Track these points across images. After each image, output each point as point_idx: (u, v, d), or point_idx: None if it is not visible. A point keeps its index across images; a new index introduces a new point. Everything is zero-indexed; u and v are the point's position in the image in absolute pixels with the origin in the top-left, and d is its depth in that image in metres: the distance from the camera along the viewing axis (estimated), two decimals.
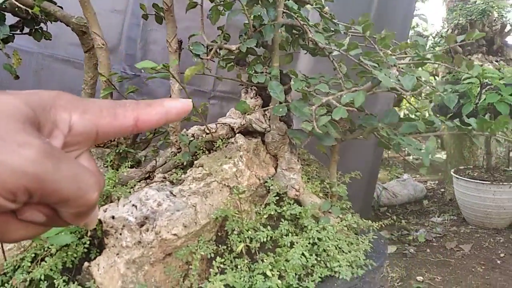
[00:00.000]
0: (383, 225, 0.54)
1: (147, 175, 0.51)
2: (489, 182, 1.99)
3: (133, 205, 0.41)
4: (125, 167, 0.53)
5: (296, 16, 0.46)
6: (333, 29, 0.52)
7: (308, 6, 0.52)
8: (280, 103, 0.45)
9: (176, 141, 0.52)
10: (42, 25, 0.59)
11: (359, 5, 1.04)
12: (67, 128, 0.17)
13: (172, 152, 0.52)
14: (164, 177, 0.49)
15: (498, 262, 2.00)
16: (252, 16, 0.48)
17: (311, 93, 0.42)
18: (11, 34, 0.53)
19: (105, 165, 0.52)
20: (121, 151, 0.53)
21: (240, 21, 0.53)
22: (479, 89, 1.60)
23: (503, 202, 2.00)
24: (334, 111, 0.39)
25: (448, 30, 3.40)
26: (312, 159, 0.58)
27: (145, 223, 0.40)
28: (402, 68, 0.45)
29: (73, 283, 0.41)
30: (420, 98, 0.46)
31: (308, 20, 0.48)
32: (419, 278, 1.84)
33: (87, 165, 0.18)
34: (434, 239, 2.30)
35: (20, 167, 0.13)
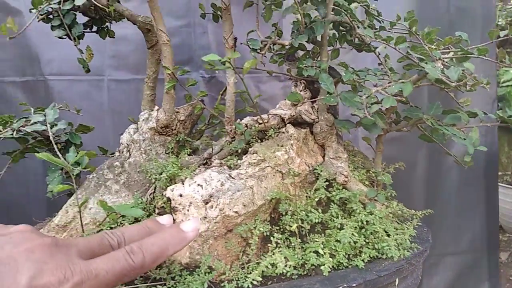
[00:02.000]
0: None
1: (205, 161, 0.56)
2: None
3: (198, 184, 0.46)
4: (184, 153, 0.58)
5: (346, 13, 0.49)
6: (377, 27, 0.55)
7: (354, 4, 0.55)
8: (330, 94, 0.48)
9: (231, 131, 0.56)
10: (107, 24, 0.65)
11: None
12: None
13: (226, 140, 0.57)
14: (221, 163, 0.53)
15: None
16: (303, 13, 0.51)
17: (361, 84, 0.46)
18: (82, 33, 0.59)
19: (166, 152, 0.57)
20: (180, 139, 0.58)
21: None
22: None
23: None
24: (384, 100, 0.42)
25: None
26: (356, 150, 0.61)
27: (209, 200, 0.45)
28: (446, 62, 0.48)
29: None
30: (464, 90, 0.48)
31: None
32: None
33: None
34: None
35: None
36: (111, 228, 0.49)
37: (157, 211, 0.50)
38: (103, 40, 0.65)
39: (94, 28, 0.64)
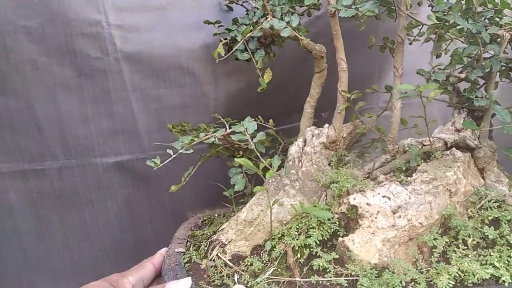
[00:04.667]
0: None
1: (367, 175, 0.63)
2: None
3: (384, 196, 0.53)
4: (342, 167, 0.65)
5: None
6: None
7: None
8: (505, 124, 0.54)
9: (392, 149, 0.62)
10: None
11: None
12: None
13: (386, 158, 0.63)
14: (386, 178, 0.60)
15: None
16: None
17: None
18: (263, 56, 0.68)
19: (329, 164, 0.65)
20: (341, 154, 0.66)
21: None
22: None
23: None
24: None
25: None
26: (509, 175, 0.65)
27: (397, 211, 0.51)
28: None
29: (331, 252, 0.53)
30: None
31: None
32: None
33: None
34: None
35: None
36: (298, 227, 0.57)
37: (336, 216, 0.57)
38: None
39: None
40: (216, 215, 0.75)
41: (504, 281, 0.48)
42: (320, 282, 0.50)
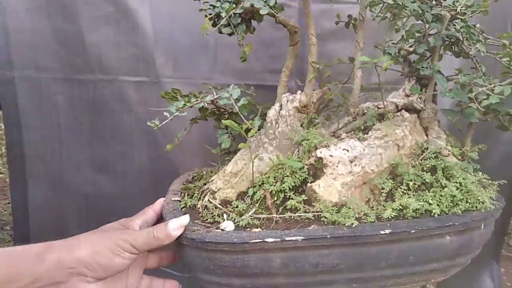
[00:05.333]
0: None
1: (332, 134, 0.75)
2: None
3: (344, 149, 0.65)
4: (312, 127, 0.77)
5: (459, 30, 0.66)
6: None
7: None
8: (443, 89, 0.66)
9: (353, 112, 0.74)
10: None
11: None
12: None
13: (349, 119, 0.75)
14: (347, 136, 0.72)
15: None
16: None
17: (471, 84, 0.63)
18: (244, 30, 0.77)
19: (301, 125, 0.76)
20: (311, 117, 0.77)
21: None
22: None
23: None
24: (490, 97, 0.60)
25: None
26: (449, 133, 0.78)
27: (354, 160, 0.64)
28: None
29: (302, 195, 0.66)
30: None
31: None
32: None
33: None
34: None
35: None
36: (275, 177, 0.68)
37: (306, 166, 0.69)
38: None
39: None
40: (204, 172, 0.87)
41: (434, 213, 0.61)
42: (292, 217, 0.63)
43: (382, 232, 0.58)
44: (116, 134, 1.19)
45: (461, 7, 0.62)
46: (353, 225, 0.58)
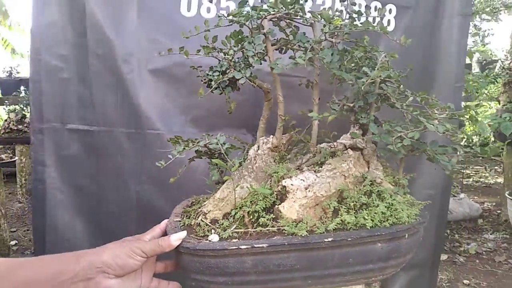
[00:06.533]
0: None
1: (297, 167, 0.97)
2: None
3: (301, 179, 0.87)
4: (282, 163, 0.99)
5: (388, 90, 0.90)
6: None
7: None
8: (374, 134, 0.89)
9: (313, 151, 0.97)
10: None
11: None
12: None
13: (309, 156, 0.98)
14: (308, 169, 0.95)
15: None
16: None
17: (392, 130, 0.86)
18: (230, 91, 1.02)
19: (274, 161, 0.99)
20: (282, 155, 1.00)
21: None
22: None
23: None
24: (404, 140, 0.82)
25: (511, 63, 3.58)
26: (388, 165, 1.00)
27: (308, 187, 0.86)
28: (441, 119, 0.87)
29: (271, 214, 0.87)
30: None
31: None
32: (466, 281, 2.14)
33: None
34: (484, 253, 2.56)
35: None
36: (251, 201, 0.91)
37: (275, 192, 0.91)
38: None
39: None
40: (201, 198, 1.09)
41: (367, 226, 0.82)
42: (262, 230, 0.84)
43: (326, 240, 0.79)
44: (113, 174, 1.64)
45: (379, 76, 0.86)
46: (304, 235, 0.80)
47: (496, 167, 5.31)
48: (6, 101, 4.10)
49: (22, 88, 4.08)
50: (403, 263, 0.89)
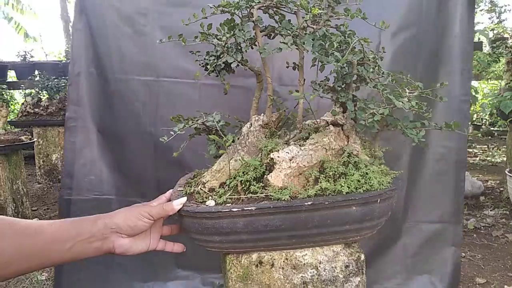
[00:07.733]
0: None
1: (285, 142, 1.09)
2: None
3: (286, 152, 0.99)
4: (271, 138, 1.11)
5: (367, 72, 1.00)
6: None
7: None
8: (352, 111, 1.00)
9: (299, 127, 1.09)
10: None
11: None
12: None
13: (296, 132, 1.10)
14: (294, 143, 1.06)
15: None
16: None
17: (366, 107, 0.97)
18: (225, 74, 1.13)
19: (265, 137, 1.11)
20: (272, 131, 1.12)
21: None
22: None
23: None
24: (375, 116, 0.93)
25: None
26: (366, 139, 1.11)
27: (292, 159, 0.98)
28: (411, 97, 0.97)
29: (260, 183, 1.00)
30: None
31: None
32: (462, 254, 2.25)
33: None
34: (482, 228, 2.68)
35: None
36: (244, 171, 1.03)
37: (264, 164, 1.03)
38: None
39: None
40: (202, 171, 1.22)
41: (343, 192, 0.95)
42: (252, 197, 0.97)
43: (306, 204, 0.92)
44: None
45: (359, 59, 0.96)
46: (287, 200, 0.92)
47: (504, 147, 5.36)
48: (22, 85, 4.24)
49: (36, 72, 4.20)
50: (378, 226, 1.01)
